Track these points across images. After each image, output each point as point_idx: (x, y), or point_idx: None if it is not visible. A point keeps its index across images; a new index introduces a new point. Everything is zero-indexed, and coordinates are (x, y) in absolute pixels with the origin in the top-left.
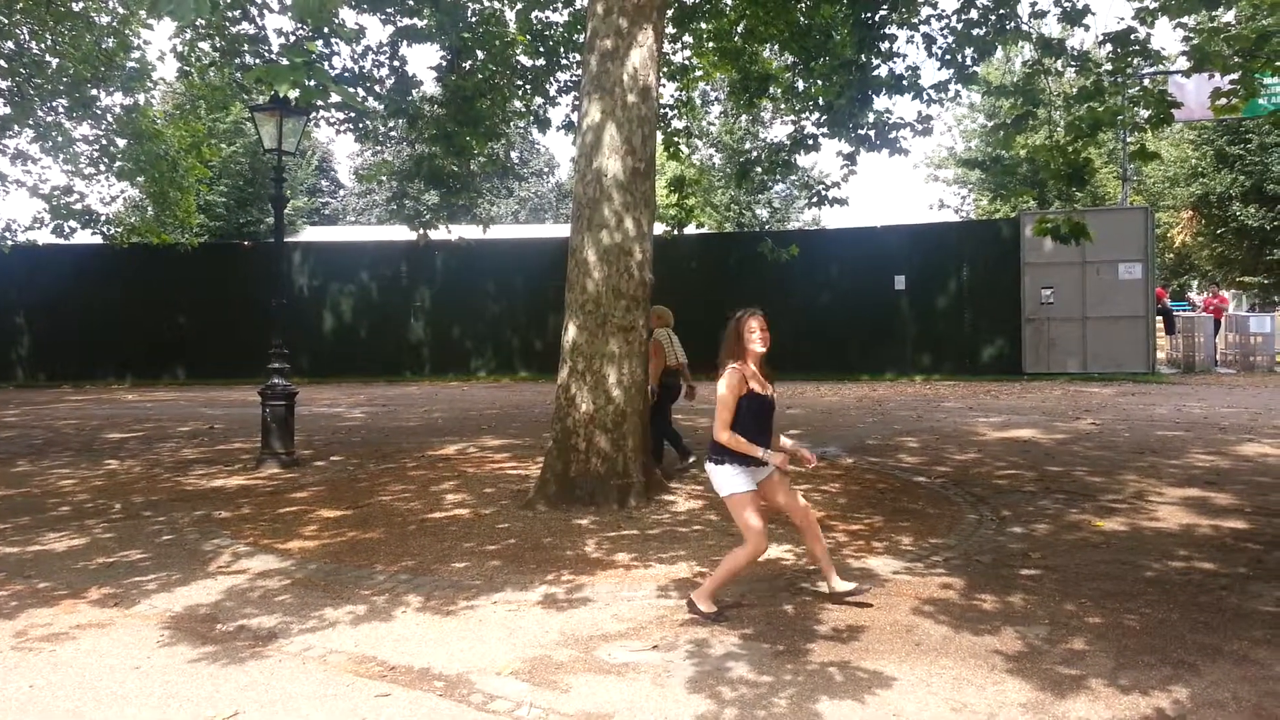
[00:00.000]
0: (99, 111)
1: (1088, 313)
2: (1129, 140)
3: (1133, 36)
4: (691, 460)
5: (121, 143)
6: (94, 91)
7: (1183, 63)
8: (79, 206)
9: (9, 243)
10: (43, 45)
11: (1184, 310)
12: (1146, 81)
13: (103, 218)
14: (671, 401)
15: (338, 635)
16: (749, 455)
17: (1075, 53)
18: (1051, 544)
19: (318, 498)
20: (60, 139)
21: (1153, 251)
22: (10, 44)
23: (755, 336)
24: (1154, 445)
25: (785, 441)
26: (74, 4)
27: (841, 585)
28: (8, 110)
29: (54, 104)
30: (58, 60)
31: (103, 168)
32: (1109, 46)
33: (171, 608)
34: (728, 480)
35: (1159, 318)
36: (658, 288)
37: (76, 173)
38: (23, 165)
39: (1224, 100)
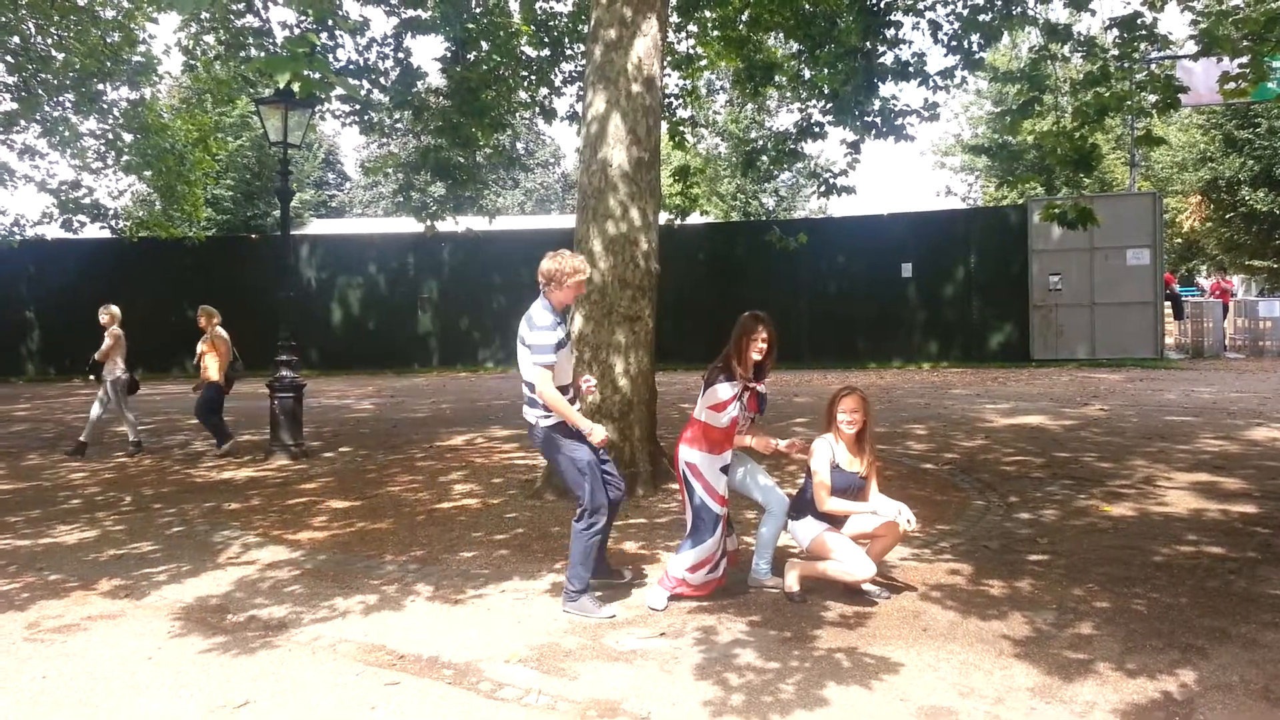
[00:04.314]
0: (105, 106)
1: (1096, 299)
2: (1136, 126)
3: (1140, 21)
4: (227, 448)
5: (128, 137)
6: (100, 86)
7: (1191, 46)
8: (87, 201)
9: (17, 237)
10: (49, 40)
11: (1192, 295)
12: (1154, 66)
13: (111, 212)
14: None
15: (347, 625)
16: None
17: (1082, 38)
18: (1059, 529)
19: (327, 489)
20: (67, 133)
21: (1161, 237)
22: (16, 39)
23: (844, 418)
24: (1163, 430)
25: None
26: None
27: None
28: (15, 105)
29: (61, 98)
30: (64, 55)
31: (110, 162)
32: (1116, 31)
33: (182, 599)
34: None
35: (1167, 303)
36: (664, 278)
37: (84, 167)
38: (30, 160)
39: (1233, 84)
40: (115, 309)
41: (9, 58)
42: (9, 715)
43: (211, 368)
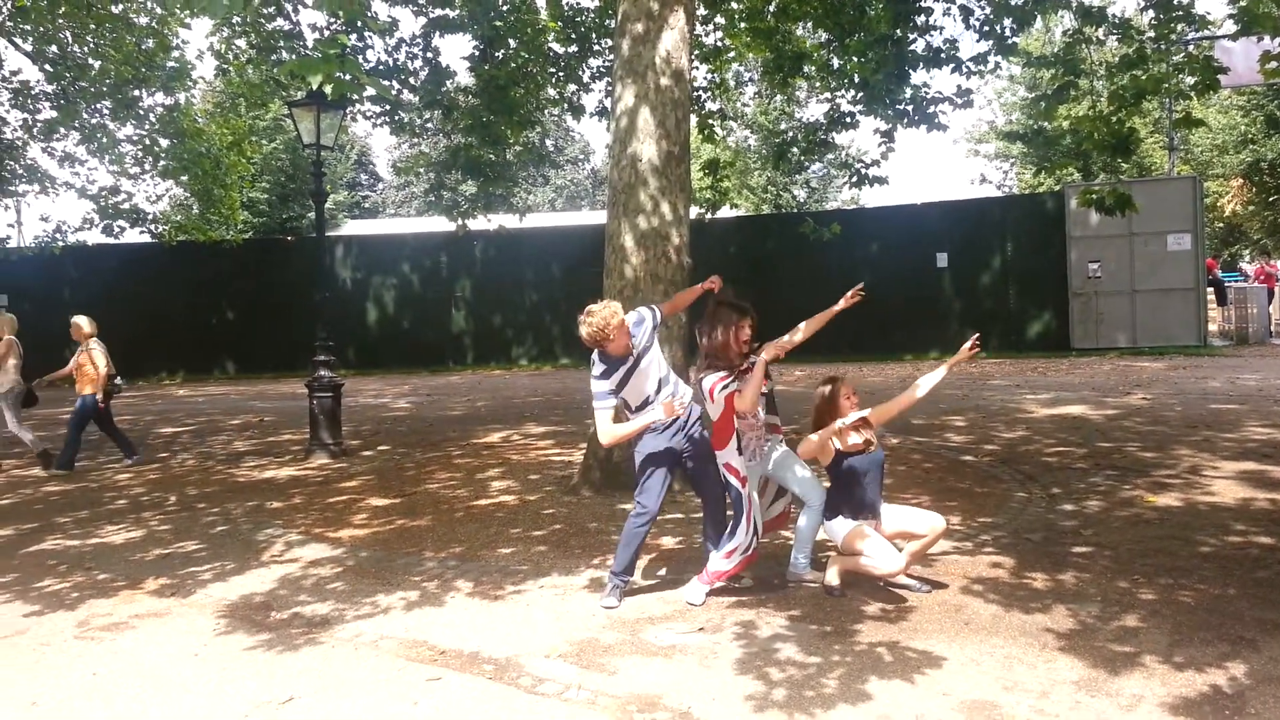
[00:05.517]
0: (142, 112)
1: (1136, 285)
2: (1174, 108)
3: (1176, 1)
4: (137, 458)
5: (164, 142)
6: (136, 92)
7: (1230, 26)
8: (126, 206)
9: (60, 244)
10: (85, 48)
11: (1236, 281)
12: (1192, 47)
13: (150, 216)
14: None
15: (389, 621)
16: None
17: (1117, 19)
18: (1103, 521)
19: (367, 487)
20: (105, 140)
21: (1202, 221)
22: (54, 48)
23: (848, 405)
24: (1207, 419)
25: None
26: (113, 6)
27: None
28: (55, 113)
29: (98, 106)
30: (100, 62)
31: (147, 167)
32: (1152, 12)
33: (227, 596)
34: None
35: (1210, 289)
36: (696, 272)
37: (122, 173)
38: (71, 167)
39: (1274, 63)
40: (8, 315)
41: (48, 66)
42: (62, 711)
43: (85, 381)
